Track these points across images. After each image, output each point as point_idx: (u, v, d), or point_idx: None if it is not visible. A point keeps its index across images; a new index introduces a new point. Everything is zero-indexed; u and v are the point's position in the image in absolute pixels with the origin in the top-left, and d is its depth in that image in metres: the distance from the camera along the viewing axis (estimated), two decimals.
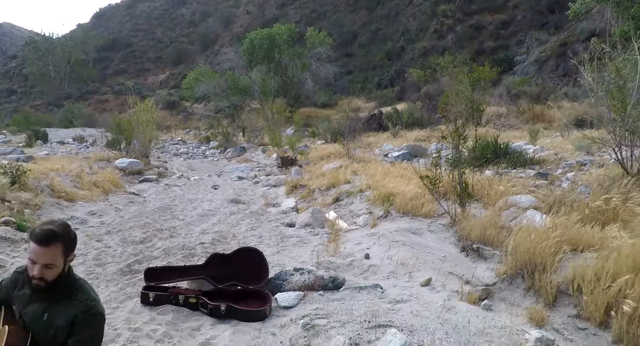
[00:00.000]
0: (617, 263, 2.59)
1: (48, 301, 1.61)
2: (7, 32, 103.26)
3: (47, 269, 1.60)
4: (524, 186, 4.92)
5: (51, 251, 1.58)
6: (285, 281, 3.49)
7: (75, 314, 1.57)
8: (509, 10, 31.32)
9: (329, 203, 6.60)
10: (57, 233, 1.61)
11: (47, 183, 7.29)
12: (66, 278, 1.64)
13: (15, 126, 32.80)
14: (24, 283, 1.66)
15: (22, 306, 1.64)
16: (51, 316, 1.59)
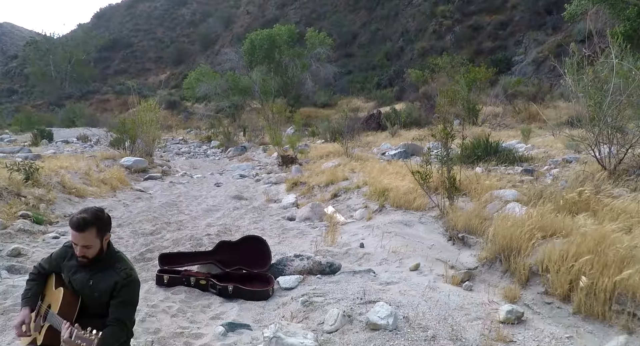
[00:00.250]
0: (580, 246, 2.93)
1: (93, 271, 1.95)
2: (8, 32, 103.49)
3: (87, 249, 1.93)
4: (510, 182, 5.27)
5: (86, 235, 1.90)
6: (286, 266, 3.84)
7: (116, 280, 1.92)
8: (507, 11, 31.64)
9: (328, 199, 6.95)
10: (89, 220, 1.92)
11: (58, 179, 7.65)
12: (106, 253, 1.98)
13: (18, 125, 33.14)
14: (72, 255, 2.01)
15: (71, 274, 1.99)
16: (96, 282, 1.93)
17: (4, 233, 5.12)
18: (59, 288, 1.98)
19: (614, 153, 4.79)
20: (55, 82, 53.02)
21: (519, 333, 2.65)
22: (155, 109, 13.96)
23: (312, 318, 2.94)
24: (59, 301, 1.92)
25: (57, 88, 52.32)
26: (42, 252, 4.71)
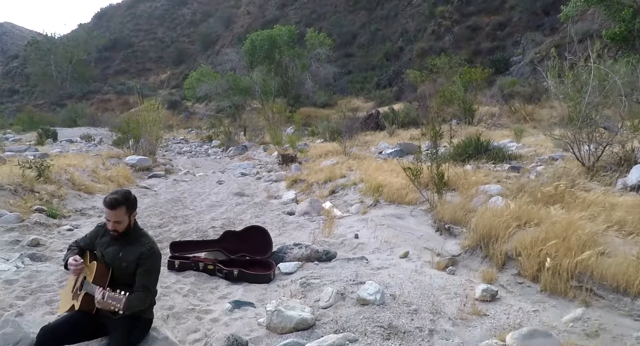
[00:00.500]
0: (549, 233, 3.29)
1: (122, 244, 2.30)
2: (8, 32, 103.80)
3: (118, 224, 2.29)
4: (496, 178, 5.63)
5: (117, 212, 2.27)
6: (286, 253, 4.20)
7: (141, 252, 2.27)
8: (505, 11, 31.98)
9: (326, 195, 7.30)
10: (120, 199, 2.30)
11: (67, 177, 8.01)
12: (133, 229, 2.35)
13: (20, 125, 33.51)
14: (104, 233, 2.36)
15: (104, 248, 2.34)
16: (125, 254, 2.29)
17: (22, 225, 5.49)
18: (93, 262, 2.34)
19: (593, 151, 5.14)
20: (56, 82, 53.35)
21: (492, 308, 3.01)
22: (159, 109, 14.32)
23: (309, 296, 3.30)
24: (93, 272, 2.28)
25: (58, 88, 52.65)
26: (59, 242, 5.08)
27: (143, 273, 2.25)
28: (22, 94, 60.91)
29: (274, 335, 2.83)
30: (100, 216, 6.59)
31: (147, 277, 2.26)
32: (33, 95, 57.81)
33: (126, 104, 45.91)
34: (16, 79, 66.05)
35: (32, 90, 59.53)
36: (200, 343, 2.73)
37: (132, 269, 2.26)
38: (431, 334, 2.67)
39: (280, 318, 2.86)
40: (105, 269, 2.29)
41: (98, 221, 6.17)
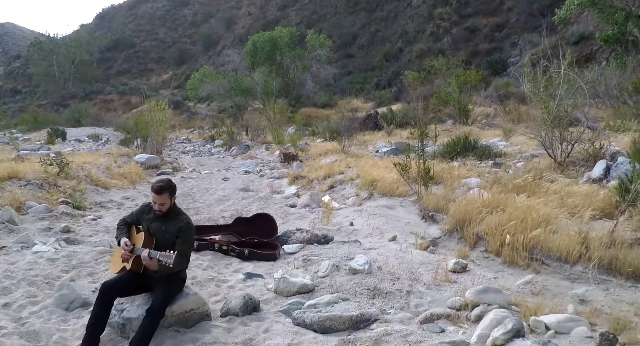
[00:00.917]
0: (511, 215, 3.93)
1: (165, 220, 2.95)
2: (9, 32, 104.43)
3: (162, 206, 2.94)
4: (478, 172, 6.27)
5: (162, 196, 2.92)
6: (290, 237, 4.85)
7: (180, 226, 2.92)
8: (503, 13, 32.57)
9: (325, 190, 7.95)
10: (164, 187, 2.95)
11: (85, 173, 8.67)
12: (173, 208, 2.99)
13: (25, 125, 34.16)
14: (149, 210, 3.01)
15: (149, 223, 2.98)
16: (167, 227, 2.93)
17: (51, 215, 6.15)
18: (140, 233, 2.99)
19: (564, 148, 5.78)
20: (59, 83, 54.00)
21: (461, 277, 3.65)
22: (165, 109, 14.96)
23: (309, 268, 3.95)
24: (141, 240, 2.92)
25: (61, 88, 53.28)
26: (86, 230, 5.73)
27: (181, 242, 2.90)
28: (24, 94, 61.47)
29: (281, 297, 3.47)
30: (119, 208, 7.26)
31: (185, 245, 2.91)
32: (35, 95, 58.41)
33: (128, 104, 46.57)
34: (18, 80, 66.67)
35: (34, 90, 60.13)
36: (221, 303, 3.38)
37: (173, 239, 2.91)
38: (408, 294, 3.32)
39: (286, 284, 3.51)
40: (151, 238, 2.93)
41: (116, 213, 6.85)
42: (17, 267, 4.16)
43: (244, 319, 3.10)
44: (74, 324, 3.10)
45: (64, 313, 3.25)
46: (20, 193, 6.57)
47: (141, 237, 2.96)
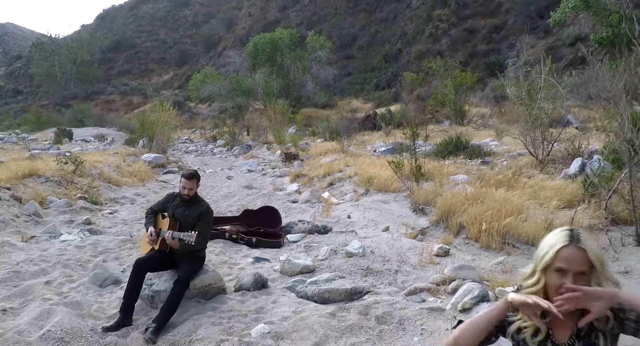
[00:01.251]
0: (488, 207, 4.46)
1: (188, 205, 3.48)
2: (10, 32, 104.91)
3: (190, 190, 3.48)
4: (467, 170, 6.80)
5: (192, 182, 3.46)
6: (293, 228, 5.38)
7: (201, 211, 3.45)
8: (501, 15, 33.11)
9: (325, 187, 8.48)
10: (194, 174, 3.51)
11: (97, 171, 9.21)
12: (196, 195, 3.54)
13: (28, 125, 34.67)
14: (174, 198, 3.55)
15: (174, 209, 3.51)
16: (190, 212, 3.46)
17: (71, 209, 6.69)
18: (165, 218, 3.53)
19: (545, 147, 6.31)
20: (60, 83, 54.50)
21: (444, 260, 4.18)
22: (170, 111, 15.48)
23: (310, 253, 4.48)
24: (167, 224, 3.46)
25: (62, 89, 53.77)
26: (105, 222, 6.27)
27: (202, 224, 3.43)
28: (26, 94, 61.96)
29: (286, 276, 4.00)
30: (132, 203, 7.80)
31: (205, 226, 3.45)
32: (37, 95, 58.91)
33: (130, 104, 47.09)
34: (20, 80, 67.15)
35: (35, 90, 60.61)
36: (234, 281, 3.91)
37: (194, 222, 3.44)
38: (396, 273, 3.85)
39: (290, 265, 4.04)
40: (175, 222, 3.46)
41: (130, 208, 7.39)
42: (50, 253, 4.69)
43: (255, 293, 3.63)
44: (108, 297, 3.64)
45: (99, 289, 3.79)
46: (41, 189, 7.11)
47: (166, 222, 3.49)
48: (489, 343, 1.45)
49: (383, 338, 2.82)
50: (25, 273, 4.08)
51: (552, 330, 1.34)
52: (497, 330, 1.39)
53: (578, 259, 1.26)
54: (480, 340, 1.37)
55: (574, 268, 1.26)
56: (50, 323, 2.99)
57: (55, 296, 3.55)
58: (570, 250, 1.26)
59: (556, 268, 1.28)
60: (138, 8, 69.29)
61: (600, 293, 1.24)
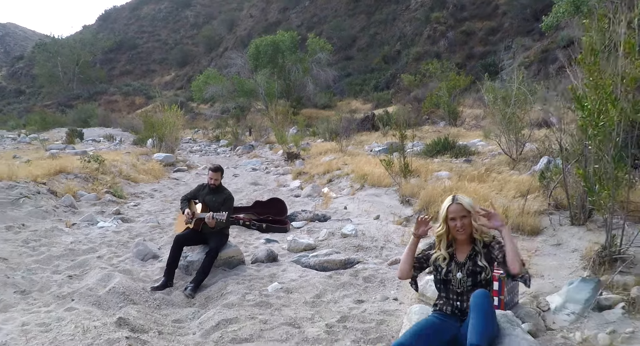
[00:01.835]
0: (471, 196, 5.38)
1: (215, 193, 4.42)
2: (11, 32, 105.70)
3: (216, 180, 4.43)
4: (450, 167, 7.73)
5: (217, 173, 4.42)
6: (297, 216, 6.32)
7: (225, 197, 4.40)
8: (498, 17, 34.02)
9: (324, 183, 9.41)
10: (219, 168, 4.46)
11: (116, 169, 10.14)
12: (220, 184, 4.48)
13: (33, 125, 35.57)
14: (204, 188, 4.49)
15: (204, 197, 4.45)
16: (216, 198, 4.40)
17: (100, 202, 7.64)
18: (198, 204, 4.47)
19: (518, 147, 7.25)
20: (63, 84, 55.43)
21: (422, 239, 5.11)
22: (178, 113, 16.40)
23: (312, 235, 5.43)
24: (200, 208, 4.39)
25: (65, 89, 54.69)
26: (133, 213, 7.21)
27: (226, 207, 4.37)
28: (28, 95, 62.84)
29: (292, 253, 4.94)
30: (152, 197, 8.74)
31: (229, 209, 4.39)
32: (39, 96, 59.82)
33: (132, 105, 48.05)
34: (22, 80, 68.02)
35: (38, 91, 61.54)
36: (250, 256, 4.84)
37: (220, 206, 4.37)
38: (382, 249, 4.79)
39: (295, 244, 4.98)
40: (205, 206, 4.40)
41: (150, 201, 8.32)
42: (92, 236, 5.63)
43: (268, 264, 4.57)
44: (150, 267, 4.58)
45: (142, 262, 4.73)
46: (72, 184, 8.05)
47: (199, 207, 4.44)
48: (422, 270, 2.42)
49: (368, 291, 3.76)
50: (78, 250, 5.03)
51: (455, 254, 2.28)
52: (424, 260, 2.34)
53: (459, 209, 2.21)
54: (411, 266, 2.32)
55: (459, 214, 2.20)
56: (111, 284, 3.93)
57: (108, 266, 4.49)
58: (454, 206, 2.22)
59: (450, 218, 2.23)
60: (139, 9, 70.35)
61: (499, 216, 2.21)
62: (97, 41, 57.76)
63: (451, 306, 2.33)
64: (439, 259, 2.34)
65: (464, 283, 2.29)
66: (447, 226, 2.32)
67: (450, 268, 2.33)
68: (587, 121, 3.29)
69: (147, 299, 3.82)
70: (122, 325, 3.04)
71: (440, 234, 2.37)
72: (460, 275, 2.29)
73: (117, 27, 67.97)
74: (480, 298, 2.16)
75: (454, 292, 2.33)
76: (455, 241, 2.39)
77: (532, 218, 4.51)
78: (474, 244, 2.33)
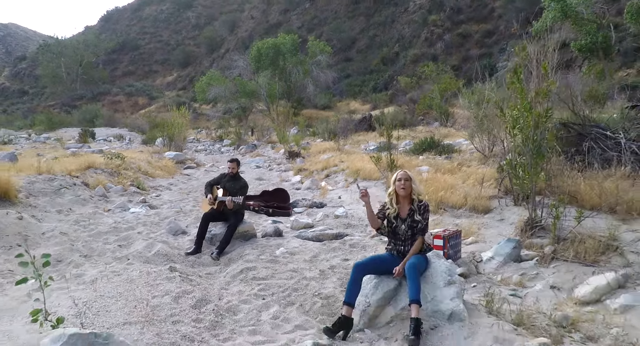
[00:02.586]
0: (434, 185, 6.61)
1: (233, 180, 5.64)
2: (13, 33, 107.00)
3: (233, 170, 5.67)
4: (430, 163, 8.95)
5: (234, 163, 5.67)
6: (298, 203, 7.56)
7: (242, 184, 5.62)
8: (493, 20, 35.20)
9: (322, 177, 10.64)
10: (235, 159, 5.73)
11: (135, 165, 11.37)
12: (237, 173, 5.70)
13: (40, 125, 36.80)
14: (225, 176, 5.71)
15: (224, 183, 5.67)
16: (234, 184, 5.62)
17: (127, 193, 8.86)
18: (219, 189, 5.70)
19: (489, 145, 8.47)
20: (66, 84, 56.69)
21: None
22: (185, 114, 17.63)
23: (310, 217, 6.66)
24: (221, 192, 5.62)
25: (69, 89, 55.94)
26: (156, 201, 8.44)
27: (242, 193, 5.59)
28: (31, 95, 64.10)
29: (294, 230, 6.17)
30: (170, 190, 9.97)
31: (244, 192, 5.62)
32: (43, 96, 61.09)
33: (136, 105, 49.33)
34: (25, 81, 69.29)
35: (41, 91, 62.81)
36: (260, 232, 6.06)
37: (237, 191, 5.60)
38: (366, 226, 6.02)
39: (297, 223, 6.21)
40: (226, 191, 5.63)
41: (169, 192, 9.53)
42: (128, 219, 6.86)
43: (275, 238, 5.79)
44: (181, 240, 5.81)
45: (173, 236, 5.95)
46: (100, 178, 9.28)
47: (221, 191, 5.67)
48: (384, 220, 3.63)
49: (352, 253, 4.99)
50: (121, 228, 6.25)
51: (399, 212, 3.50)
52: (382, 215, 3.56)
53: (403, 174, 3.42)
54: (376, 217, 3.53)
55: (403, 177, 3.42)
56: (155, 249, 5.16)
57: (149, 238, 5.72)
58: (401, 173, 3.43)
59: (397, 179, 3.43)
60: (141, 10, 71.71)
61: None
62: (100, 42, 59.06)
63: (396, 250, 3.52)
64: (391, 215, 3.53)
65: (405, 233, 3.48)
66: (394, 187, 3.49)
67: (397, 223, 3.52)
68: (509, 124, 4.51)
69: (183, 260, 5.05)
70: (173, 270, 4.27)
71: (390, 193, 3.54)
72: (403, 227, 3.49)
73: (119, 28, 69.32)
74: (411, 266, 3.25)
75: (399, 239, 3.51)
76: (399, 199, 3.53)
77: (485, 200, 5.75)
78: (412, 204, 3.51)
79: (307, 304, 3.61)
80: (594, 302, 3.41)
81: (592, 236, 4.19)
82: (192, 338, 2.99)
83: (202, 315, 3.33)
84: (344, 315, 3.16)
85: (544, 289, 3.73)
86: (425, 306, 3.10)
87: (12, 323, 3.21)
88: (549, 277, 3.91)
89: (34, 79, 65.62)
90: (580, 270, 3.93)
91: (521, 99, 4.54)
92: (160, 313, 3.30)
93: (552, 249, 4.24)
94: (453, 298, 3.07)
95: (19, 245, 5.20)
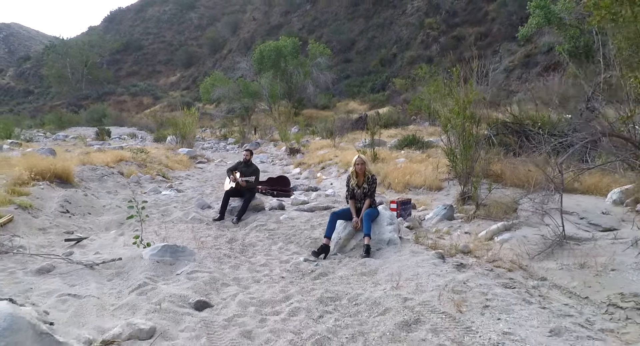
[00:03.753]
0: (404, 171, 8.55)
1: (247, 166, 7.58)
2: (15, 33, 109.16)
3: (248, 158, 7.63)
4: (407, 156, 10.89)
5: (247, 152, 7.66)
6: (297, 188, 9.53)
7: (254, 168, 7.56)
8: (487, 23, 37.09)
9: (318, 170, 12.60)
10: (248, 148, 7.71)
11: (156, 159, 13.34)
12: (250, 161, 7.67)
13: (51, 125, 38.84)
14: (241, 163, 7.66)
15: (241, 168, 7.60)
16: (248, 169, 7.55)
17: (155, 181, 10.83)
18: (238, 173, 7.66)
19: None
20: (72, 84, 58.75)
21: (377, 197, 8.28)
22: (195, 114, 19.60)
23: (307, 196, 8.62)
24: (238, 175, 7.58)
25: (74, 89, 57.98)
26: (180, 187, 10.40)
27: (256, 176, 7.53)
28: (37, 94, 66.15)
29: (294, 206, 8.11)
30: (189, 179, 11.93)
31: (257, 175, 7.56)
32: (48, 96, 63.14)
33: (140, 105, 51.36)
34: (30, 80, 71.34)
35: (46, 91, 64.87)
36: (268, 205, 8.01)
37: (250, 174, 7.54)
38: None
39: (296, 200, 8.17)
40: (242, 174, 7.57)
41: (189, 181, 11.49)
42: (161, 199, 8.82)
43: (279, 210, 7.74)
44: (207, 212, 7.76)
45: (201, 210, 7.90)
46: (131, 168, 11.26)
47: (238, 175, 7.62)
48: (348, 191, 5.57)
49: None
50: (159, 204, 8.21)
51: (358, 183, 5.46)
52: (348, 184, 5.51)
53: (361, 160, 5.36)
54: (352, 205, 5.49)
55: (359, 162, 5.36)
56: (190, 216, 7.11)
57: (184, 210, 7.67)
58: (358, 158, 5.38)
59: (356, 163, 5.38)
60: (144, 11, 73.84)
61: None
62: (104, 43, 61.17)
63: (354, 207, 5.46)
64: (352, 185, 5.47)
65: (360, 196, 5.41)
66: (354, 167, 5.43)
67: (356, 190, 5.45)
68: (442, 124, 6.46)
69: (211, 224, 7.01)
70: (209, 224, 6.22)
71: (352, 172, 5.49)
72: (359, 192, 5.42)
73: (123, 29, 71.44)
74: (365, 214, 5.19)
75: (357, 200, 5.45)
76: (357, 176, 5.47)
77: (438, 182, 7.70)
78: (365, 178, 5.44)
79: (301, 242, 5.56)
80: (488, 239, 5.34)
81: (502, 202, 6.12)
82: (229, 255, 4.95)
83: (234, 245, 5.30)
84: (324, 244, 5.10)
85: (460, 234, 5.66)
86: (374, 237, 5.05)
87: (113, 249, 5.18)
88: (466, 228, 5.84)
89: (39, 79, 67.57)
90: (488, 223, 5.86)
91: (456, 105, 6.48)
92: (206, 244, 5.26)
93: (473, 211, 6.18)
94: (391, 231, 5.03)
95: (89, 214, 7.19)
